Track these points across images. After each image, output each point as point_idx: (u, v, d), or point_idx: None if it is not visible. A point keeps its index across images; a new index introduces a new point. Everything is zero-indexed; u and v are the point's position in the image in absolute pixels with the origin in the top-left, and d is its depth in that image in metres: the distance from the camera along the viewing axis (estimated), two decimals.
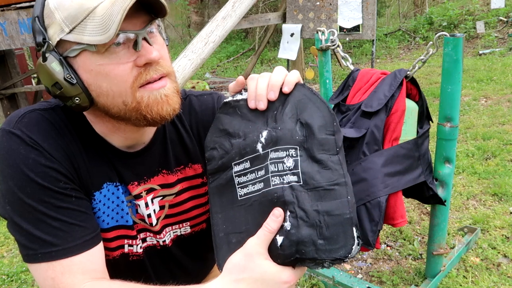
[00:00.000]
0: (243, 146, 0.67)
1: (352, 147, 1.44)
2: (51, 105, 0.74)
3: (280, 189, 0.62)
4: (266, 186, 0.64)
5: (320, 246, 0.59)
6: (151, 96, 0.66)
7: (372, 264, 1.87)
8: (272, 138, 0.65)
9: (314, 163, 0.63)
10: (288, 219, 0.61)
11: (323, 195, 0.62)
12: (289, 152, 0.64)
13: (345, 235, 0.60)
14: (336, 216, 0.60)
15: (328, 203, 0.61)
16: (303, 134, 0.64)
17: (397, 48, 7.71)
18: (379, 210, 1.38)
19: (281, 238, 0.61)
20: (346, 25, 4.90)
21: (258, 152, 0.66)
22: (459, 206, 2.27)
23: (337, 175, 0.63)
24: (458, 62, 1.37)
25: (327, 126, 0.64)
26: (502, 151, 2.86)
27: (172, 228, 0.84)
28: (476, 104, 4.01)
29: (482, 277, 1.70)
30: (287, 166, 0.63)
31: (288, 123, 0.65)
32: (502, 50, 6.20)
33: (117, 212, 0.77)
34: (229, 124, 0.70)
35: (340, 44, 1.68)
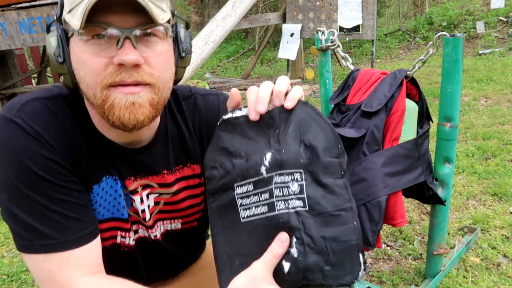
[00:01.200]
0: (245, 168, 0.65)
1: (352, 147, 1.44)
2: (54, 93, 0.71)
3: (285, 215, 0.61)
4: (270, 210, 0.63)
5: (327, 272, 0.59)
6: (117, 98, 0.63)
7: (372, 264, 1.87)
8: (277, 161, 0.63)
9: (319, 187, 0.62)
10: (295, 245, 0.61)
11: (329, 221, 0.61)
12: (294, 176, 0.62)
13: (352, 262, 0.60)
14: (343, 242, 0.60)
15: (334, 229, 0.61)
16: (308, 157, 0.63)
17: (397, 48, 7.71)
18: (379, 210, 1.38)
19: (288, 264, 0.60)
20: (346, 25, 4.90)
21: (261, 175, 0.64)
22: (459, 206, 2.27)
23: (343, 200, 0.62)
24: (458, 62, 1.37)
25: (331, 148, 0.64)
26: (502, 151, 2.86)
27: (164, 223, 0.84)
28: (476, 104, 4.02)
29: (482, 277, 1.70)
30: (292, 190, 0.62)
31: (292, 145, 0.63)
32: (502, 50, 6.21)
33: (114, 205, 0.76)
34: (229, 143, 0.68)
35: (340, 44, 1.68)
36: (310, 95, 5.07)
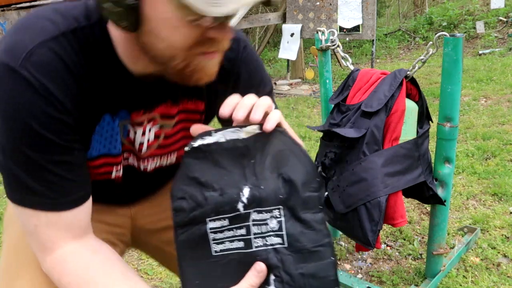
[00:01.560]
0: (220, 204, 0.62)
1: (352, 147, 1.44)
2: (66, 27, 0.62)
3: (263, 252, 0.61)
4: (247, 247, 0.61)
5: None
6: (200, 64, 0.62)
7: (372, 264, 1.87)
8: (255, 198, 0.61)
9: (298, 223, 0.61)
10: (274, 283, 0.60)
11: (308, 257, 0.61)
12: (273, 213, 0.61)
13: None
14: (321, 278, 0.61)
15: (313, 265, 0.61)
16: (286, 192, 0.62)
17: (397, 48, 7.71)
18: (379, 210, 1.38)
19: None
20: (346, 25, 4.90)
21: (238, 212, 0.61)
22: (459, 206, 2.27)
23: (321, 236, 0.62)
24: (458, 62, 1.38)
25: (310, 182, 0.63)
26: (502, 151, 2.86)
27: (160, 159, 0.83)
28: (476, 104, 4.02)
29: (482, 277, 1.70)
30: (271, 227, 0.61)
31: (270, 180, 0.62)
32: (502, 50, 6.21)
33: (110, 142, 0.73)
34: (200, 172, 0.63)
35: (340, 44, 1.69)
36: (310, 95, 5.08)
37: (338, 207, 1.47)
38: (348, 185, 1.44)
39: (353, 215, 1.43)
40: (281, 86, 5.50)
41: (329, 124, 1.55)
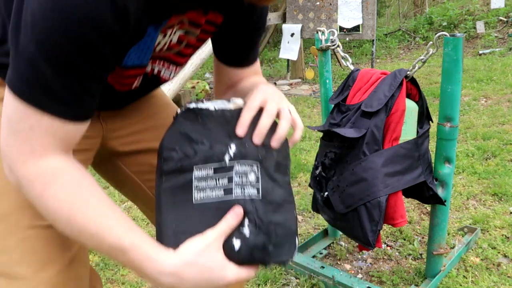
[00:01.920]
0: (209, 154, 0.69)
1: (352, 147, 1.44)
2: None
3: (242, 200, 0.67)
4: (227, 194, 0.68)
5: (270, 251, 0.68)
6: None
7: (372, 264, 1.87)
8: (241, 152, 0.69)
9: (270, 180, 0.71)
10: (247, 226, 0.67)
11: (276, 208, 0.70)
12: (253, 167, 0.69)
13: (290, 244, 0.71)
14: (286, 227, 0.70)
15: (280, 216, 0.70)
16: (263, 153, 0.71)
17: (397, 48, 7.71)
18: (379, 210, 1.38)
19: (239, 243, 0.66)
20: (346, 25, 4.90)
21: (224, 163, 0.68)
22: (459, 206, 2.27)
23: (288, 194, 0.73)
24: (458, 62, 1.37)
25: (283, 151, 0.74)
26: (502, 151, 2.86)
27: (169, 67, 0.82)
28: (476, 104, 4.02)
29: (482, 277, 1.70)
30: (249, 180, 0.69)
31: (252, 143, 0.70)
32: (502, 50, 6.21)
33: (145, 53, 0.72)
34: (191, 130, 0.71)
35: (340, 44, 1.68)
36: (310, 95, 5.07)
37: (338, 207, 1.47)
38: (348, 185, 1.44)
39: (353, 215, 1.43)
40: (281, 86, 5.50)
41: (329, 124, 1.55)
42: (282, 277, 1.80)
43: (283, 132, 0.71)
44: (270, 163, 0.71)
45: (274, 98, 0.73)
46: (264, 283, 1.77)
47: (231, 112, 0.72)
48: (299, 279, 1.78)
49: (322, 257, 1.95)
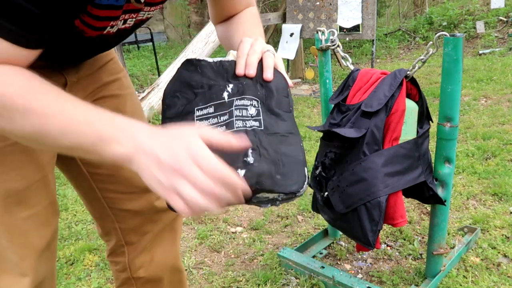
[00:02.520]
0: (208, 94, 0.72)
1: (352, 147, 1.44)
2: None
3: (243, 131, 0.67)
4: (229, 128, 0.68)
5: (278, 180, 0.65)
6: None
7: (372, 264, 1.87)
8: (239, 89, 0.72)
9: (272, 115, 0.71)
10: (251, 154, 0.65)
11: (281, 140, 0.69)
12: (252, 102, 0.71)
13: (299, 173, 0.67)
14: (292, 157, 0.68)
15: (285, 147, 0.69)
16: (263, 93, 0.72)
17: (397, 48, 7.71)
18: (379, 210, 1.38)
19: (244, 171, 0.64)
20: (346, 25, 4.90)
21: (223, 99, 0.71)
22: (459, 206, 2.27)
23: (291, 126, 0.72)
24: (458, 62, 1.37)
25: (282, 90, 0.74)
26: (502, 151, 2.86)
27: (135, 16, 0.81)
28: (476, 104, 4.02)
29: (482, 277, 1.70)
30: (250, 113, 0.69)
31: (250, 81, 0.73)
32: (502, 50, 6.21)
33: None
34: (191, 78, 0.74)
35: (340, 44, 1.68)
36: (310, 95, 5.07)
37: (338, 207, 1.47)
38: (348, 185, 1.44)
39: (353, 215, 1.43)
40: None
41: (329, 124, 1.55)
42: (282, 277, 1.80)
43: (268, 63, 0.73)
44: (271, 100, 0.72)
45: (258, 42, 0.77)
46: (264, 283, 1.77)
47: (229, 62, 0.75)
48: (299, 279, 1.78)
49: (322, 257, 1.95)
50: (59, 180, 2.83)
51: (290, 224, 2.24)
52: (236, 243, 2.11)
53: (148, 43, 8.93)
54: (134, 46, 9.54)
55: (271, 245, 2.07)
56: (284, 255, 1.85)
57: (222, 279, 1.83)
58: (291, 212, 2.35)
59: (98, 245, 2.15)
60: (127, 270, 1.10)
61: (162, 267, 1.12)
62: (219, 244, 2.10)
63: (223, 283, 1.81)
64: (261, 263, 1.93)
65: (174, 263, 1.16)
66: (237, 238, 2.16)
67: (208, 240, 2.15)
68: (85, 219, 2.46)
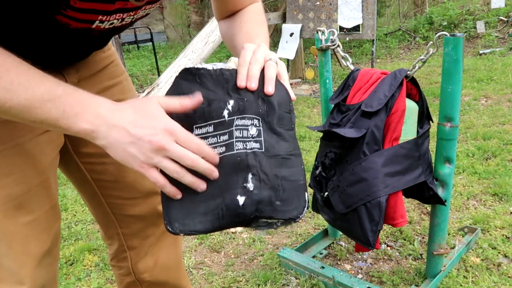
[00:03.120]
0: (208, 111, 0.69)
1: (352, 147, 1.44)
2: None
3: (243, 154, 0.66)
4: (229, 150, 0.67)
5: (277, 206, 0.64)
6: None
7: (372, 264, 1.87)
8: (240, 107, 0.69)
9: (273, 134, 0.69)
10: (251, 180, 0.64)
11: (282, 162, 0.68)
12: (253, 121, 0.68)
13: (299, 198, 0.66)
14: (293, 181, 0.67)
15: (286, 170, 0.67)
16: (265, 109, 0.70)
17: (397, 48, 7.70)
18: (379, 210, 1.38)
19: (243, 198, 0.64)
20: (346, 25, 4.89)
21: (223, 118, 0.68)
22: (459, 206, 2.27)
23: (293, 147, 0.70)
24: (458, 62, 1.37)
25: (285, 105, 0.72)
26: (503, 151, 2.86)
27: (135, 12, 0.78)
28: (476, 104, 4.01)
29: (483, 277, 1.70)
30: (251, 134, 0.68)
31: (251, 97, 0.70)
32: (502, 50, 6.20)
33: None
34: (189, 90, 0.70)
35: (340, 44, 1.68)
36: (310, 95, 5.07)
37: (338, 207, 1.46)
38: (348, 185, 1.43)
39: (353, 215, 1.43)
40: None
41: (329, 124, 1.55)
42: (282, 277, 1.80)
43: (270, 75, 0.71)
44: (272, 117, 0.70)
45: (261, 50, 0.74)
46: (264, 283, 1.76)
47: (230, 71, 0.72)
48: (299, 279, 1.78)
49: (322, 257, 1.94)
50: (59, 180, 2.83)
51: (290, 224, 2.24)
52: (236, 243, 2.11)
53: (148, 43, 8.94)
54: (134, 46, 9.54)
55: (271, 245, 2.07)
56: (284, 255, 1.85)
57: (222, 279, 1.83)
58: None
59: (97, 245, 2.15)
60: (132, 274, 1.09)
61: (166, 270, 1.12)
62: (219, 244, 2.10)
63: (223, 283, 1.81)
64: (261, 263, 1.92)
65: (178, 266, 1.16)
66: (237, 238, 2.15)
67: (208, 240, 2.14)
68: (84, 219, 2.46)
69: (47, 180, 0.84)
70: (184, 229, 0.65)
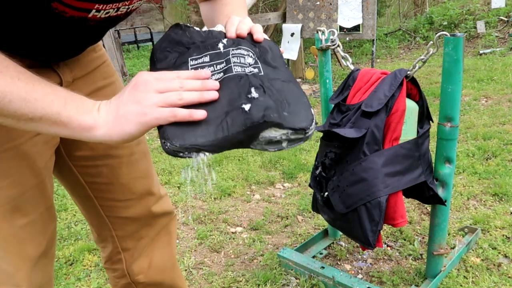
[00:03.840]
0: (202, 46, 0.69)
1: (352, 147, 1.44)
2: None
3: (243, 74, 0.64)
4: (227, 73, 0.65)
5: (285, 116, 0.62)
6: None
7: (372, 264, 1.87)
8: (234, 41, 0.69)
9: (269, 67, 0.69)
10: (254, 91, 0.62)
11: (283, 85, 0.67)
12: (249, 53, 0.68)
13: (306, 112, 0.64)
14: (297, 98, 0.65)
15: (288, 90, 0.66)
16: (259, 51, 0.71)
17: (398, 48, 7.70)
18: (379, 210, 1.38)
19: (249, 105, 0.61)
20: (346, 25, 4.89)
21: (219, 50, 0.68)
22: (459, 206, 2.27)
23: (290, 76, 0.70)
24: (458, 62, 1.37)
25: (275, 49, 0.73)
26: (503, 151, 2.86)
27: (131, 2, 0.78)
28: (476, 104, 4.01)
29: (483, 277, 1.69)
30: (248, 62, 0.67)
31: (243, 41, 0.71)
32: (502, 50, 6.20)
33: None
34: (180, 39, 0.71)
35: (340, 44, 1.68)
36: (310, 95, 5.07)
37: (338, 207, 1.46)
38: (348, 185, 1.43)
39: (353, 215, 1.43)
40: None
41: (329, 124, 1.55)
42: (282, 277, 1.79)
43: (257, 29, 0.74)
44: (266, 56, 0.70)
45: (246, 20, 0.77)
46: (264, 284, 1.76)
47: (219, 32, 0.74)
48: (299, 279, 1.77)
49: (322, 257, 1.94)
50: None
51: (290, 224, 2.24)
52: (236, 243, 2.11)
53: (148, 43, 8.93)
54: (134, 46, 9.54)
55: (271, 245, 2.06)
56: (284, 255, 1.85)
57: (222, 279, 1.83)
58: (291, 212, 2.34)
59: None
60: (126, 276, 1.09)
61: (161, 271, 1.12)
62: (219, 244, 2.10)
63: (223, 283, 1.81)
64: (261, 263, 1.92)
65: (173, 266, 1.16)
66: (237, 238, 2.15)
67: (208, 240, 2.14)
68: (84, 219, 2.45)
69: (42, 181, 0.84)
70: (184, 143, 0.58)
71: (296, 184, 2.71)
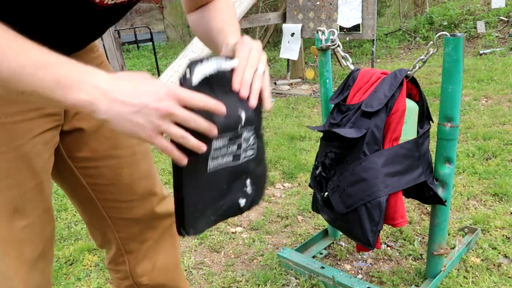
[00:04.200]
0: (226, 125, 0.71)
1: (352, 147, 1.44)
2: None
3: (245, 163, 0.78)
4: (235, 160, 0.76)
5: (256, 199, 0.83)
6: None
7: (372, 265, 1.87)
8: (248, 119, 0.74)
9: (259, 138, 0.80)
10: (249, 185, 0.80)
11: (260, 162, 0.82)
12: (252, 131, 0.77)
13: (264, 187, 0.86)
14: (264, 177, 0.85)
15: (262, 167, 0.83)
16: (254, 116, 0.76)
17: (398, 48, 7.70)
18: (379, 210, 1.38)
19: (243, 201, 0.80)
20: (346, 25, 4.89)
21: (237, 131, 0.74)
22: (459, 206, 2.27)
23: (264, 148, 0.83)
24: (458, 62, 1.37)
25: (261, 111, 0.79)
26: (503, 151, 2.86)
27: None
28: (476, 104, 4.01)
29: (483, 277, 1.69)
30: (250, 143, 0.78)
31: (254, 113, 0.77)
32: (502, 50, 6.20)
33: None
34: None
35: (340, 44, 1.68)
36: (310, 95, 5.07)
37: (338, 207, 1.46)
38: (348, 185, 1.43)
39: (353, 215, 1.43)
40: (281, 86, 5.49)
41: (329, 124, 1.55)
42: (282, 277, 1.79)
43: (254, 89, 0.72)
44: (259, 123, 0.79)
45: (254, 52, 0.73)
46: (264, 284, 1.76)
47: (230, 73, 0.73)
48: (299, 279, 1.77)
49: (322, 257, 1.94)
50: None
51: (290, 224, 2.24)
52: (236, 243, 2.11)
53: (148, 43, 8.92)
54: (134, 46, 9.53)
55: (271, 245, 2.06)
56: (284, 255, 1.85)
57: (222, 279, 1.83)
58: (291, 212, 2.34)
59: None
60: (130, 278, 1.09)
61: (164, 273, 1.11)
62: (219, 244, 2.10)
63: (222, 283, 1.81)
64: (261, 263, 1.92)
65: (176, 268, 1.16)
66: (237, 238, 2.15)
67: (208, 240, 2.14)
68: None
69: (41, 182, 0.83)
70: (196, 232, 0.76)
71: (296, 184, 2.71)
